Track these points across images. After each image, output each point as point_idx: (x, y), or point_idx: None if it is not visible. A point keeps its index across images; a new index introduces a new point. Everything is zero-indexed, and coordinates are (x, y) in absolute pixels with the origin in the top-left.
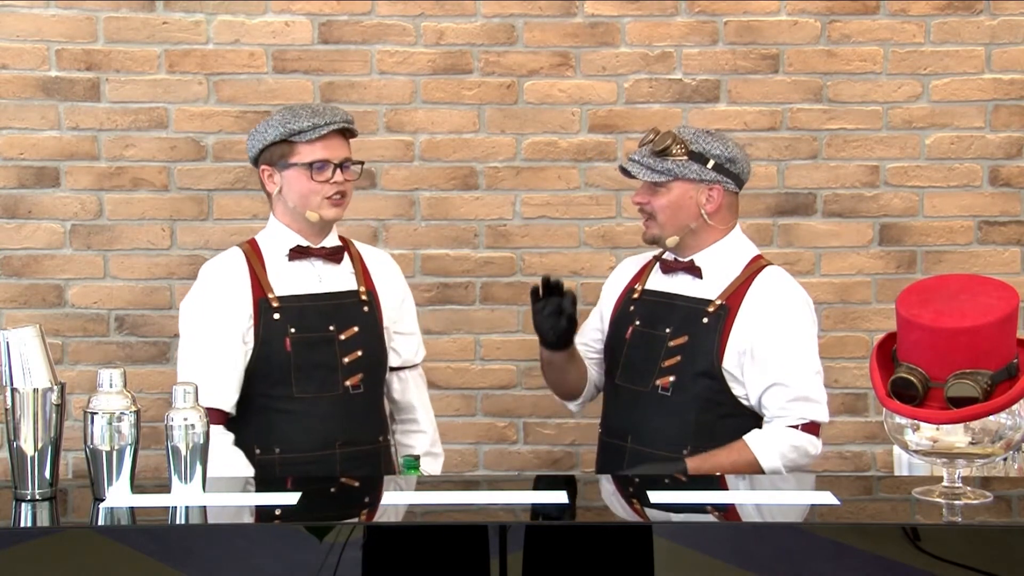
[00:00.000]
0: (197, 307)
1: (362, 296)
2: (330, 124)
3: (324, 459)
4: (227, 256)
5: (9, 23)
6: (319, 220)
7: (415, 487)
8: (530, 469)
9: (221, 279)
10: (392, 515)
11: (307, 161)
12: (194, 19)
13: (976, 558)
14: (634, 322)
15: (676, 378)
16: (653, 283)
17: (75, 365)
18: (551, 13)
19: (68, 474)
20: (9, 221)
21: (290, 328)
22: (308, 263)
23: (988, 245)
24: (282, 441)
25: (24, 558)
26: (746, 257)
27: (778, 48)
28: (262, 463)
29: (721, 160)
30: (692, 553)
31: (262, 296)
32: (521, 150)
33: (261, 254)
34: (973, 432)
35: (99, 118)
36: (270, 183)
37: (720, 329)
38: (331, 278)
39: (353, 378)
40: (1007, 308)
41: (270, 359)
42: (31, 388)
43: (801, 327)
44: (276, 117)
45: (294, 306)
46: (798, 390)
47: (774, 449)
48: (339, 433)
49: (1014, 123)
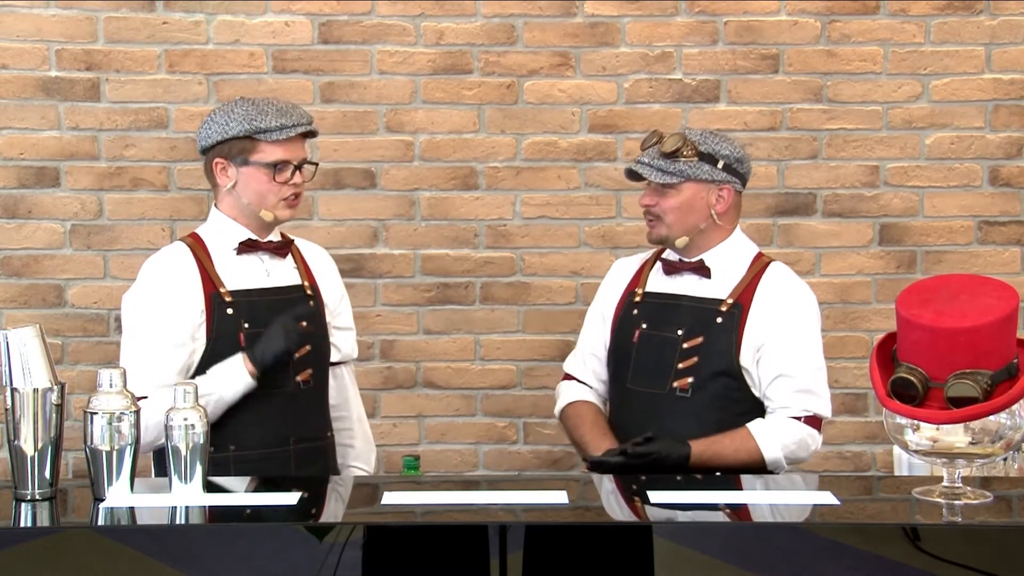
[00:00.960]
0: (144, 302)
1: (307, 291)
2: (296, 127)
3: (278, 456)
4: (172, 251)
5: (9, 23)
6: (273, 220)
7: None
8: (530, 469)
9: (169, 274)
10: (392, 515)
11: (269, 161)
12: (194, 19)
13: (976, 558)
14: (640, 325)
15: (694, 379)
16: (655, 285)
17: (75, 365)
18: (551, 13)
19: (68, 474)
20: (9, 221)
21: (243, 322)
22: (256, 257)
23: (988, 245)
24: (237, 439)
25: (24, 558)
26: (750, 255)
27: (778, 48)
28: (215, 461)
29: (730, 160)
30: (692, 553)
31: (214, 291)
32: (521, 150)
33: (207, 248)
34: (973, 432)
35: (99, 118)
36: (222, 176)
37: (735, 327)
38: (278, 272)
39: (303, 373)
40: (1007, 308)
41: (223, 355)
42: (31, 388)
43: (808, 322)
44: (239, 111)
45: (245, 300)
46: (803, 383)
47: (776, 439)
48: (293, 429)
49: (1014, 123)
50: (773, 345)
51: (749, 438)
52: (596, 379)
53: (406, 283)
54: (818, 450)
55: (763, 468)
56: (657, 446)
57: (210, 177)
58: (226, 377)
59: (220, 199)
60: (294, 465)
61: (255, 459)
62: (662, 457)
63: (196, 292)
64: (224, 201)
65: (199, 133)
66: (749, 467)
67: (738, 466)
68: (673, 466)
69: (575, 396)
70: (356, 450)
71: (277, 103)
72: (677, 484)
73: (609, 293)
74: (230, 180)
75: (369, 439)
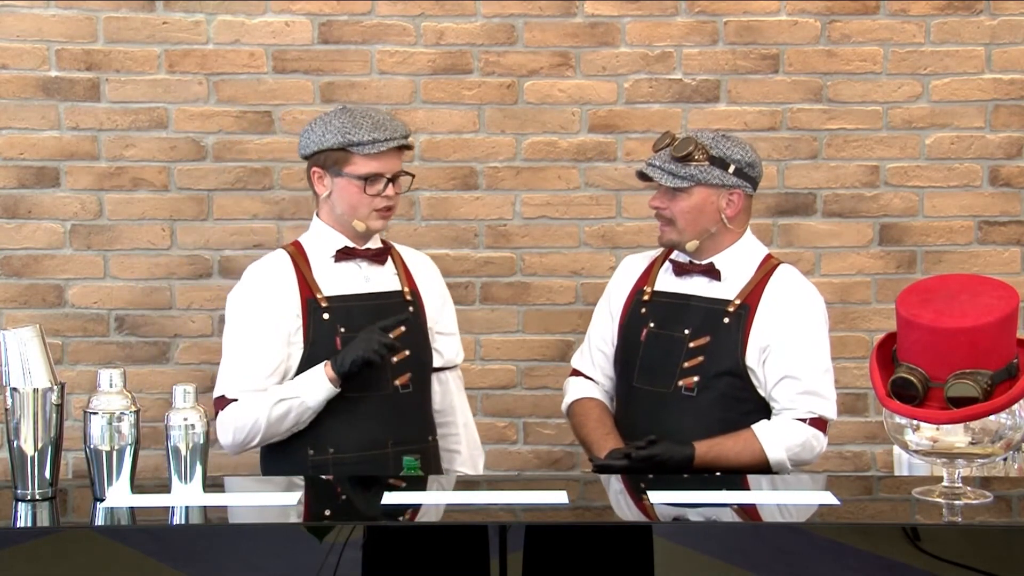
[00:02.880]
0: (244, 304)
1: (407, 296)
2: (389, 141)
3: (376, 459)
4: (273, 257)
5: (9, 23)
6: (366, 230)
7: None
8: (530, 469)
9: (268, 280)
10: (392, 515)
11: (361, 174)
12: (194, 19)
13: (976, 558)
14: (648, 324)
15: (700, 378)
16: (664, 284)
17: (75, 365)
18: (551, 13)
19: (68, 474)
20: (9, 221)
21: (340, 327)
22: (354, 264)
23: (988, 245)
24: (335, 442)
25: (24, 558)
26: (759, 257)
27: (778, 48)
28: (315, 464)
29: (741, 165)
30: (692, 553)
31: (310, 296)
32: (521, 150)
33: (306, 255)
34: (973, 432)
35: (99, 118)
36: (320, 185)
37: (742, 328)
38: (377, 279)
39: (402, 377)
40: (1007, 308)
41: (320, 359)
42: (31, 388)
43: (816, 324)
44: (335, 122)
45: (342, 306)
46: (808, 384)
47: (780, 441)
48: (390, 432)
49: (1014, 123)
50: (780, 346)
51: (753, 439)
52: (603, 375)
53: None
54: (823, 452)
55: (767, 470)
56: (660, 448)
57: (311, 185)
58: (309, 383)
59: (320, 207)
60: (392, 468)
61: (353, 462)
62: (665, 459)
63: (293, 298)
64: (323, 209)
65: (300, 142)
66: (752, 469)
67: (742, 467)
68: (676, 468)
69: (581, 393)
70: (462, 456)
71: (374, 115)
72: (677, 484)
73: (618, 290)
74: (326, 189)
75: (476, 444)
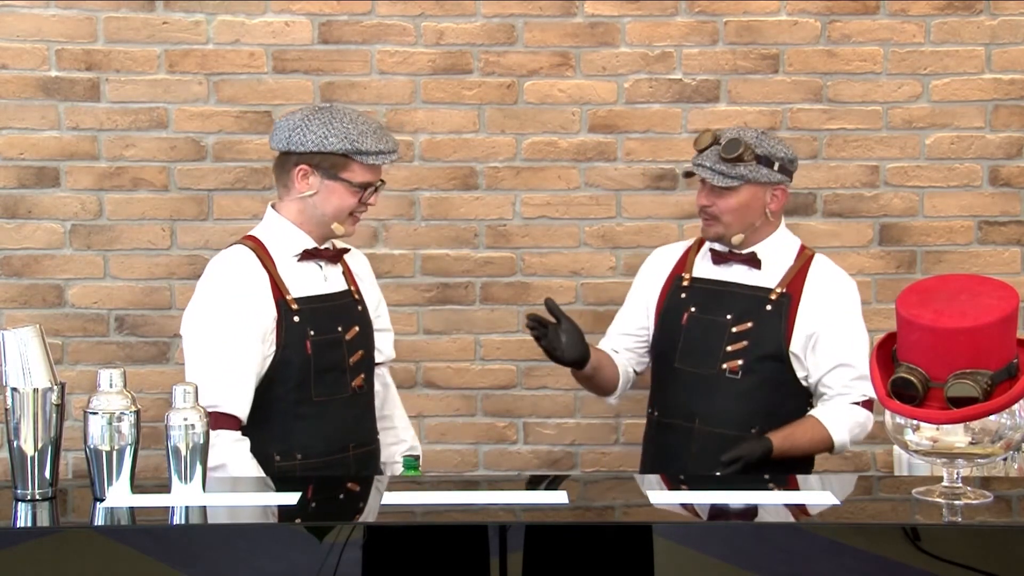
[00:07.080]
0: (217, 306)
1: (355, 295)
2: (391, 154)
3: (339, 462)
4: (239, 254)
5: (9, 23)
6: (343, 233)
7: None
8: (530, 469)
9: (242, 279)
10: (392, 515)
11: (359, 182)
12: (194, 19)
13: (976, 558)
14: (689, 308)
15: (744, 361)
16: (702, 271)
17: (75, 365)
18: (551, 13)
19: (68, 474)
20: (9, 221)
21: (309, 330)
22: (314, 264)
23: (988, 245)
24: (303, 446)
25: (24, 558)
26: (795, 246)
27: (778, 48)
28: (283, 470)
29: (784, 162)
30: (692, 553)
31: (280, 298)
32: (521, 150)
33: (269, 253)
34: (973, 432)
35: (99, 118)
36: (302, 183)
37: (785, 315)
38: (333, 279)
39: (357, 379)
40: (1007, 308)
41: (291, 362)
42: (31, 388)
43: (856, 311)
44: (338, 126)
45: (308, 308)
46: (860, 369)
47: (844, 424)
48: (350, 435)
49: (1014, 123)
50: (829, 335)
51: (819, 426)
52: (624, 349)
53: (406, 283)
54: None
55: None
56: (744, 450)
57: (283, 178)
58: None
59: (288, 203)
60: (354, 470)
61: (318, 467)
62: (753, 459)
63: (267, 299)
64: (290, 206)
65: (284, 135)
66: (818, 452)
67: (810, 452)
68: (759, 463)
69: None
70: (408, 443)
71: (371, 123)
72: (677, 484)
73: (650, 280)
74: (310, 188)
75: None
